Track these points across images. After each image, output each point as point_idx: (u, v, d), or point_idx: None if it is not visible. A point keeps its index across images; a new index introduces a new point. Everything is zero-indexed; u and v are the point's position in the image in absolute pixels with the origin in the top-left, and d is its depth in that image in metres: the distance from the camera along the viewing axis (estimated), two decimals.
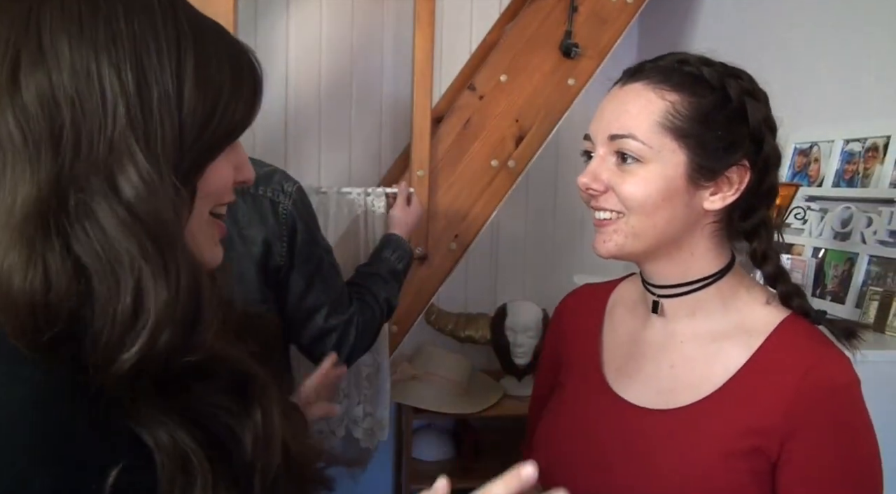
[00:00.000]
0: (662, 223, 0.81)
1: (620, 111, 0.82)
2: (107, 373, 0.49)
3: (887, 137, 1.50)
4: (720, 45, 2.47)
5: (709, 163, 0.80)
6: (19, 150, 0.50)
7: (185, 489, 0.51)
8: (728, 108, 0.81)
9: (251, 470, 0.57)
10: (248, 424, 0.57)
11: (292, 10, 2.37)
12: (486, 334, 2.27)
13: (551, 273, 2.53)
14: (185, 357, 0.52)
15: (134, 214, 0.50)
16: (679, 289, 0.85)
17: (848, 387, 0.79)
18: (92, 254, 0.49)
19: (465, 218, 1.87)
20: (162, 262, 0.50)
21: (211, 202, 0.59)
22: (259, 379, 0.60)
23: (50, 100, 0.50)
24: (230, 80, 0.56)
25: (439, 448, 2.37)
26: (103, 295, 0.49)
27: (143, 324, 0.49)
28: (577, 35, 1.91)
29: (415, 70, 1.77)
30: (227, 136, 0.57)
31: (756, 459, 0.78)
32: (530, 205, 2.56)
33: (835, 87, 1.68)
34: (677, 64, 0.82)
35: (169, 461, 0.51)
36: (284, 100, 2.37)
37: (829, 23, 1.72)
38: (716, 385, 0.82)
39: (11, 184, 0.50)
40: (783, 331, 0.82)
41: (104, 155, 0.50)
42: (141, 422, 0.51)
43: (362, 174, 2.43)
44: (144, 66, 0.52)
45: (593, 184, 0.82)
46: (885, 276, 1.41)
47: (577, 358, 0.97)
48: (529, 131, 1.90)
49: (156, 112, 0.52)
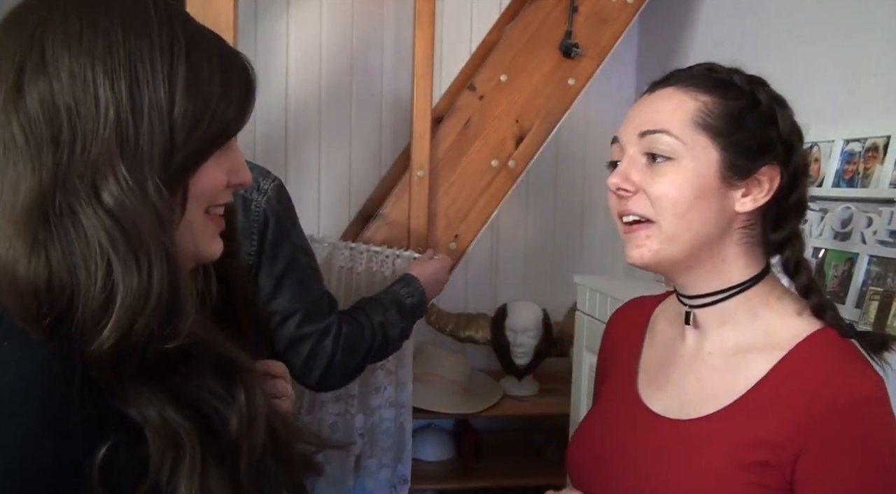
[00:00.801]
0: (696, 224, 0.79)
1: (652, 111, 0.82)
2: (89, 356, 0.54)
3: (887, 137, 1.50)
4: (720, 45, 2.48)
5: (741, 162, 0.79)
6: (22, 151, 0.55)
7: (175, 462, 0.56)
8: (758, 112, 0.82)
9: (237, 449, 0.61)
10: (233, 405, 0.61)
11: (292, 10, 2.37)
12: (486, 334, 2.27)
13: (551, 273, 2.53)
14: (165, 343, 0.57)
15: (112, 216, 0.55)
16: (709, 298, 0.84)
17: (866, 403, 0.74)
18: (75, 248, 0.54)
19: (465, 218, 1.87)
20: (133, 257, 0.55)
21: (204, 203, 0.63)
22: (242, 363, 0.64)
23: (50, 106, 0.55)
24: (220, 85, 0.60)
25: (439, 448, 2.37)
26: (83, 284, 0.54)
27: (114, 311, 0.54)
28: (578, 35, 1.91)
29: (415, 70, 1.77)
30: (217, 138, 0.61)
31: (766, 474, 0.75)
32: (530, 205, 2.56)
33: (835, 87, 1.68)
34: (706, 71, 0.84)
35: (158, 436, 0.56)
36: (284, 100, 2.37)
37: (829, 23, 1.72)
38: (735, 396, 0.80)
39: (14, 181, 0.55)
40: (810, 344, 0.80)
41: (92, 160, 0.55)
42: (129, 402, 0.56)
43: (362, 174, 2.43)
44: (138, 74, 0.57)
45: (624, 183, 0.81)
46: (885, 276, 1.41)
47: (617, 368, 0.98)
48: (529, 131, 1.90)
49: (146, 115, 0.56)
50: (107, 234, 0.54)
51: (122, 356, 0.55)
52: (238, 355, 0.64)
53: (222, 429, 0.60)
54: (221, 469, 0.59)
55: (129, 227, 0.55)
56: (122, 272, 0.54)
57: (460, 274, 2.29)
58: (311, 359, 1.24)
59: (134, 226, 0.55)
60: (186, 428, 0.57)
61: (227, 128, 0.62)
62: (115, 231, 0.54)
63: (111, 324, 0.54)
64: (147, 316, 0.55)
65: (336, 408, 1.69)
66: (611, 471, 0.87)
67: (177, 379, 0.59)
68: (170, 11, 0.60)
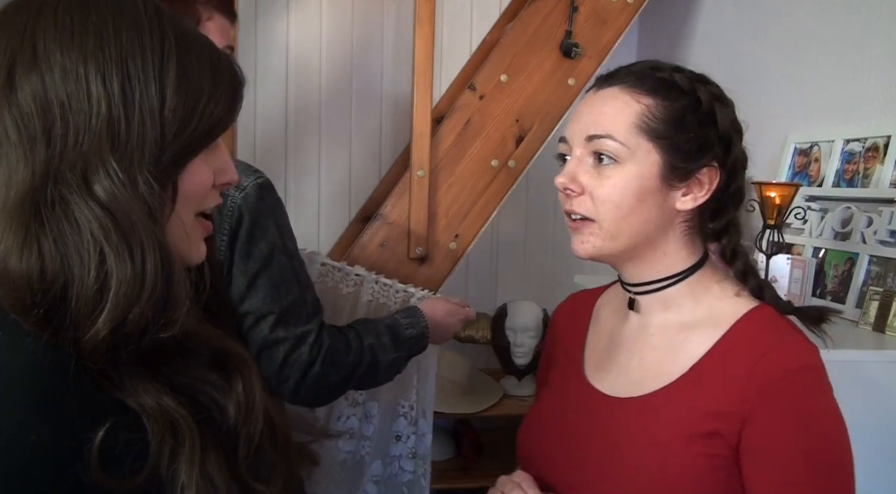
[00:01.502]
0: (638, 224, 0.84)
1: (597, 113, 0.85)
2: (83, 345, 0.55)
3: (887, 137, 1.50)
4: (720, 45, 2.48)
5: (682, 164, 0.83)
6: (14, 144, 0.56)
7: (175, 449, 0.57)
8: (699, 112, 0.84)
9: (236, 437, 0.62)
10: (230, 394, 0.62)
11: (292, 10, 2.37)
12: (486, 334, 2.27)
13: (551, 273, 2.53)
14: (161, 333, 0.57)
15: (104, 208, 0.55)
16: (653, 286, 0.89)
17: (805, 370, 0.79)
18: (68, 240, 0.55)
19: (465, 218, 1.87)
20: (127, 247, 0.55)
21: (194, 205, 0.64)
22: (238, 353, 0.65)
23: (43, 99, 0.56)
24: (210, 83, 0.61)
25: (439, 448, 2.36)
26: (76, 274, 0.55)
27: (108, 301, 0.55)
28: (578, 35, 1.91)
29: (415, 70, 1.77)
30: (206, 136, 0.62)
31: (716, 443, 0.80)
32: (530, 205, 2.56)
33: (835, 87, 1.68)
34: (649, 70, 0.86)
35: (156, 423, 0.56)
36: (284, 100, 2.37)
37: (829, 23, 1.72)
38: (680, 372, 0.85)
39: (6, 174, 0.56)
40: (748, 320, 0.84)
41: (84, 153, 0.56)
42: (126, 391, 0.57)
43: (362, 174, 2.43)
44: (129, 70, 0.57)
45: (571, 184, 0.85)
46: (885, 276, 1.41)
47: (563, 357, 1.02)
48: (529, 131, 1.90)
49: (137, 111, 0.57)
50: (99, 225, 0.55)
51: (117, 346, 0.56)
52: (232, 345, 0.65)
53: (220, 418, 0.61)
54: (220, 456, 0.60)
55: (121, 218, 0.56)
56: (116, 261, 0.55)
57: (460, 274, 2.28)
58: (286, 366, 1.17)
59: (126, 216, 0.56)
60: (184, 416, 0.58)
61: (216, 127, 0.63)
62: (108, 221, 0.55)
63: (105, 314, 0.54)
64: (141, 305, 0.55)
65: (347, 446, 1.63)
66: (562, 453, 0.91)
67: (173, 369, 0.60)
68: (159, 10, 0.61)
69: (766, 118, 1.88)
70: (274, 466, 0.65)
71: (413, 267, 1.81)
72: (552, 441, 0.93)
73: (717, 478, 0.80)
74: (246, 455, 0.62)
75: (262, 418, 0.63)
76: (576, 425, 0.91)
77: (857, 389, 1.18)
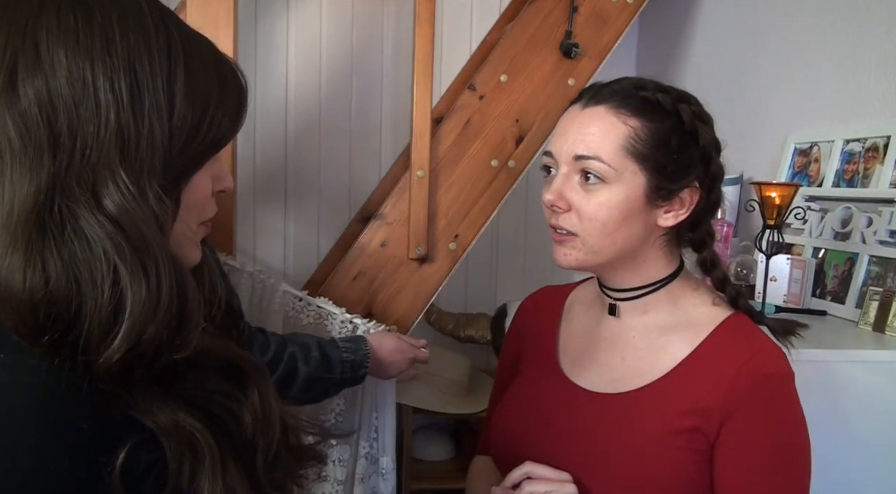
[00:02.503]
0: (621, 240, 0.88)
1: (585, 133, 0.87)
2: (96, 369, 0.52)
3: (887, 137, 1.50)
4: (720, 45, 2.48)
5: (666, 185, 0.87)
6: (17, 154, 0.52)
7: (195, 465, 0.54)
8: (682, 132, 0.88)
9: (254, 447, 0.60)
10: (245, 404, 0.60)
11: (292, 10, 2.37)
12: (486, 334, 2.27)
13: (551, 273, 2.51)
14: (173, 354, 0.55)
15: (114, 222, 0.52)
16: (633, 293, 0.93)
17: (782, 377, 0.86)
18: (78, 257, 0.52)
19: (465, 218, 1.86)
20: (140, 265, 0.53)
21: (196, 215, 0.62)
22: (250, 362, 0.63)
23: (48, 106, 0.52)
24: (217, 92, 0.59)
25: (439, 448, 2.37)
26: (89, 295, 0.52)
27: (123, 322, 0.52)
28: (578, 35, 1.91)
29: (415, 70, 1.77)
30: (213, 146, 0.60)
31: (695, 438, 0.85)
32: (530, 205, 2.56)
33: (835, 87, 1.68)
34: (633, 89, 0.89)
35: (174, 441, 0.54)
36: (284, 100, 2.37)
37: (829, 23, 1.72)
38: (662, 371, 0.90)
39: (10, 187, 0.52)
40: (726, 327, 0.90)
41: (92, 164, 0.53)
42: (140, 410, 0.54)
43: (362, 174, 2.43)
44: (138, 76, 0.54)
45: (558, 201, 0.88)
46: (885, 276, 1.41)
47: (534, 350, 1.04)
48: (529, 131, 1.90)
49: (146, 120, 0.54)
50: (112, 242, 0.52)
51: (131, 367, 0.53)
52: (243, 354, 0.64)
53: (237, 429, 0.59)
54: (240, 467, 0.58)
55: (133, 234, 0.53)
56: (131, 281, 0.52)
57: (460, 274, 2.29)
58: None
59: (138, 232, 0.53)
60: (201, 430, 0.55)
61: (224, 136, 0.60)
62: (120, 238, 0.52)
63: (121, 336, 0.52)
64: (157, 325, 0.53)
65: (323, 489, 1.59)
66: (541, 443, 0.93)
67: (186, 384, 0.58)
68: (162, 11, 0.58)
69: (766, 118, 1.88)
70: (288, 469, 0.64)
71: (413, 267, 1.81)
72: (530, 431, 0.96)
73: (696, 470, 0.85)
74: (264, 464, 0.60)
75: (278, 426, 0.62)
76: (554, 417, 0.94)
77: (856, 389, 1.18)
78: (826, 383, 1.16)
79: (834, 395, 1.17)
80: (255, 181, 2.35)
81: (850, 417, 1.17)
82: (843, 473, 1.16)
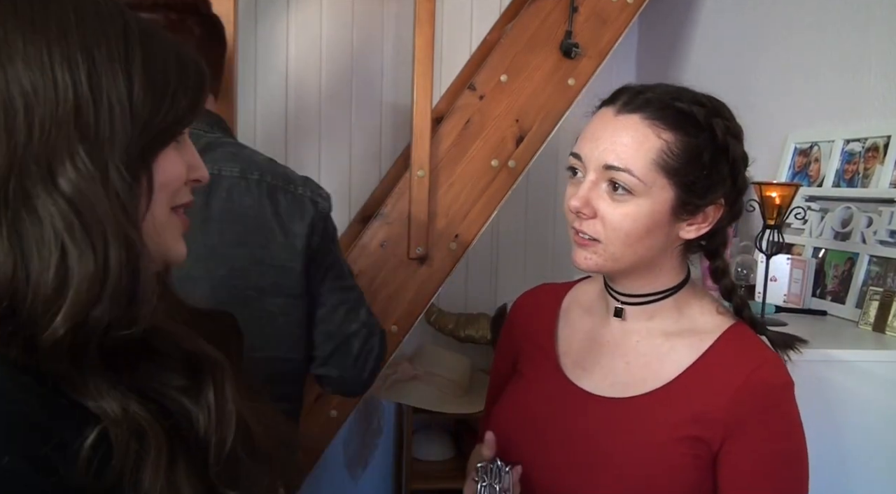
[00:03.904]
0: (642, 251, 0.88)
1: (617, 142, 0.86)
2: (40, 345, 0.52)
3: (887, 137, 1.50)
4: (720, 45, 2.48)
5: (693, 200, 0.87)
6: None
7: (139, 456, 0.54)
8: (714, 147, 0.87)
9: (205, 445, 0.59)
10: (200, 401, 0.60)
11: (292, 10, 2.37)
12: (486, 334, 2.28)
13: (551, 273, 2.53)
14: (125, 330, 0.55)
15: (69, 201, 0.53)
16: (642, 299, 0.94)
17: (784, 388, 0.88)
18: (27, 236, 0.53)
19: (465, 218, 1.87)
20: (88, 240, 0.53)
21: (168, 197, 0.63)
22: (211, 358, 0.63)
23: (5, 91, 0.53)
24: (176, 74, 0.60)
25: (439, 448, 2.37)
26: (34, 271, 0.53)
27: (67, 296, 0.52)
28: (578, 35, 1.91)
29: (415, 70, 1.77)
30: (175, 125, 0.61)
31: (698, 446, 0.86)
32: (530, 205, 2.56)
33: (835, 87, 1.68)
34: (670, 99, 0.87)
35: (119, 429, 0.54)
36: (284, 100, 2.37)
37: (829, 23, 1.72)
38: (667, 378, 0.90)
39: None
40: (730, 336, 0.91)
41: (49, 144, 0.54)
42: (87, 394, 0.54)
43: (362, 174, 2.43)
44: (94, 58, 0.56)
45: (584, 208, 0.87)
46: (885, 276, 1.41)
47: (533, 350, 1.04)
48: (529, 131, 1.90)
49: (105, 99, 0.55)
50: (63, 220, 0.53)
51: (79, 345, 0.53)
52: (206, 348, 0.63)
53: (188, 426, 0.59)
54: (190, 463, 0.57)
55: (85, 212, 0.53)
56: (78, 257, 0.53)
57: (460, 274, 2.29)
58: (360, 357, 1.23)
59: (91, 210, 0.54)
60: (150, 422, 0.55)
61: (185, 117, 0.62)
62: (72, 216, 0.53)
63: (64, 311, 0.52)
64: (104, 303, 0.53)
65: None
66: (541, 442, 0.93)
67: (141, 374, 0.58)
68: (118, 4, 0.60)
69: (766, 118, 1.88)
70: (253, 477, 0.63)
71: (413, 267, 1.81)
72: (531, 432, 0.96)
73: (697, 477, 0.86)
74: (216, 462, 0.59)
75: (234, 425, 0.61)
76: (556, 418, 0.94)
77: (857, 389, 1.18)
78: (826, 383, 1.16)
79: (834, 395, 1.17)
80: None
81: (850, 417, 1.17)
82: (843, 473, 1.16)
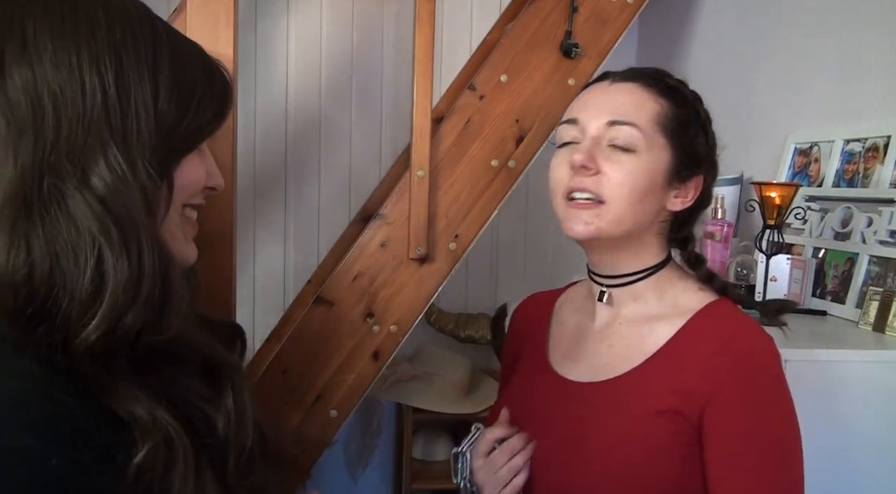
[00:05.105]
0: (640, 214, 0.88)
1: (618, 102, 0.89)
2: (73, 349, 0.52)
3: (887, 137, 1.50)
4: (720, 45, 2.47)
5: (684, 167, 0.89)
6: (3, 137, 0.53)
7: (168, 464, 0.54)
8: (698, 124, 0.91)
9: (225, 449, 0.60)
10: (220, 407, 0.60)
11: (292, 10, 2.37)
12: (486, 334, 2.27)
13: (551, 273, 2.53)
14: (154, 336, 0.55)
15: (102, 201, 0.53)
16: (625, 279, 0.94)
17: (763, 355, 0.85)
18: (62, 237, 0.52)
19: (465, 218, 1.86)
20: (124, 245, 0.53)
21: (183, 199, 0.63)
22: (229, 362, 0.63)
23: (33, 91, 0.54)
24: (203, 80, 0.61)
25: (439, 448, 2.37)
26: (70, 274, 0.52)
27: (103, 302, 0.52)
28: (578, 35, 1.91)
29: (415, 70, 1.76)
30: (200, 131, 0.61)
31: (677, 420, 0.84)
32: (530, 206, 2.57)
33: (835, 87, 1.68)
34: (659, 76, 0.93)
35: (148, 436, 0.54)
36: (284, 100, 2.37)
37: (829, 23, 1.72)
38: (647, 355, 0.90)
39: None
40: (710, 310, 0.91)
41: (80, 144, 0.53)
42: (117, 399, 0.54)
43: (362, 174, 2.43)
44: (122, 61, 0.56)
45: (589, 162, 0.86)
46: (885, 276, 1.41)
47: (528, 352, 1.07)
48: (529, 131, 1.90)
49: (133, 103, 0.56)
50: (98, 222, 0.53)
51: (111, 350, 0.53)
52: (224, 353, 0.64)
53: (208, 431, 0.59)
54: (211, 469, 0.58)
55: (120, 215, 0.53)
56: (114, 262, 0.52)
57: (460, 274, 2.28)
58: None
59: (126, 212, 0.54)
60: (177, 429, 0.55)
61: (209, 123, 0.62)
62: (107, 218, 0.53)
63: (99, 316, 0.52)
64: (137, 308, 0.53)
65: None
66: (535, 438, 0.94)
67: (164, 379, 0.58)
68: (146, 7, 0.60)
69: (766, 118, 1.88)
70: (266, 479, 0.63)
71: (413, 267, 1.81)
72: (520, 426, 0.97)
73: (679, 453, 0.84)
74: (236, 467, 0.60)
75: (252, 430, 0.62)
76: (544, 412, 0.96)
77: (857, 389, 1.18)
78: (826, 383, 1.16)
79: (834, 395, 1.17)
80: (255, 181, 2.35)
81: (850, 417, 1.17)
82: (843, 473, 1.16)
